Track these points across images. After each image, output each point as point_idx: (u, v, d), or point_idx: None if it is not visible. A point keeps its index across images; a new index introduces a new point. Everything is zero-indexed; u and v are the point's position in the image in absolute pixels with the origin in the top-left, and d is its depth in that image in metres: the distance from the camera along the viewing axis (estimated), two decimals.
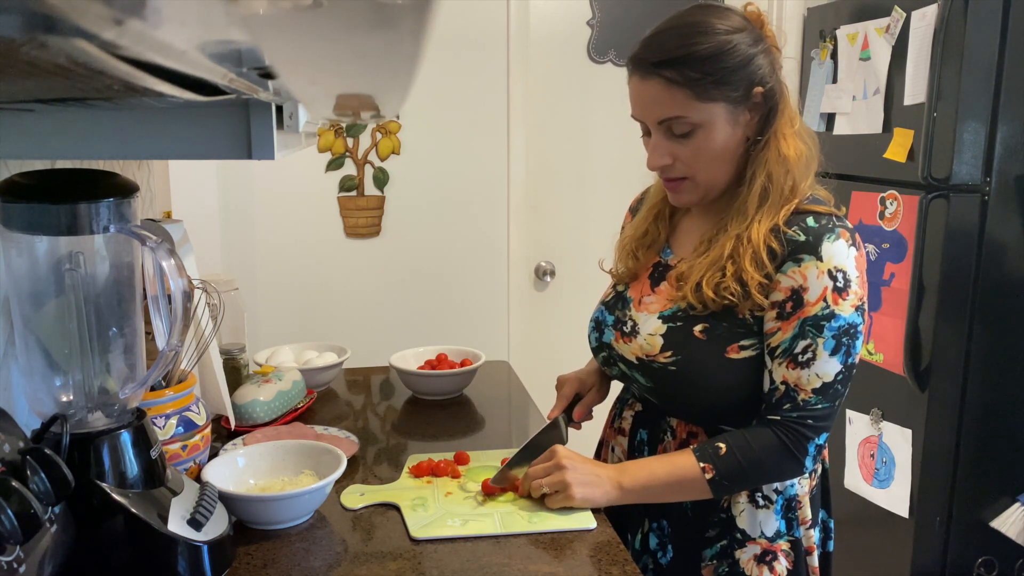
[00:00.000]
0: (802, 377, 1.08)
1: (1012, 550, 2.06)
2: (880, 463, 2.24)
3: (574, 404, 1.34)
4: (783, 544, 1.16)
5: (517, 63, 2.60)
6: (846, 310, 1.07)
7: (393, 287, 2.66)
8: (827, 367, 1.07)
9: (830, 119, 2.47)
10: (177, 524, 0.90)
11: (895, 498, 2.18)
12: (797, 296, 1.08)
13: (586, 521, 1.12)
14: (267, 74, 0.52)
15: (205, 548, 0.92)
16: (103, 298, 0.91)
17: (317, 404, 1.62)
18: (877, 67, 2.21)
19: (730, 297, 1.10)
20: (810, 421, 1.08)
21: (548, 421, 1.30)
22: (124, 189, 0.88)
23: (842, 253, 1.08)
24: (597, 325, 1.28)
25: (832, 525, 1.25)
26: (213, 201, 2.36)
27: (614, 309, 1.26)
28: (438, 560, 1.03)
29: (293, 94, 0.69)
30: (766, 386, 1.11)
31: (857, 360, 1.10)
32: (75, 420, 0.90)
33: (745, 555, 1.16)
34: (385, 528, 1.12)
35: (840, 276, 1.07)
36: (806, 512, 1.18)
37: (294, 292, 2.61)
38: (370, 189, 2.60)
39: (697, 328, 1.14)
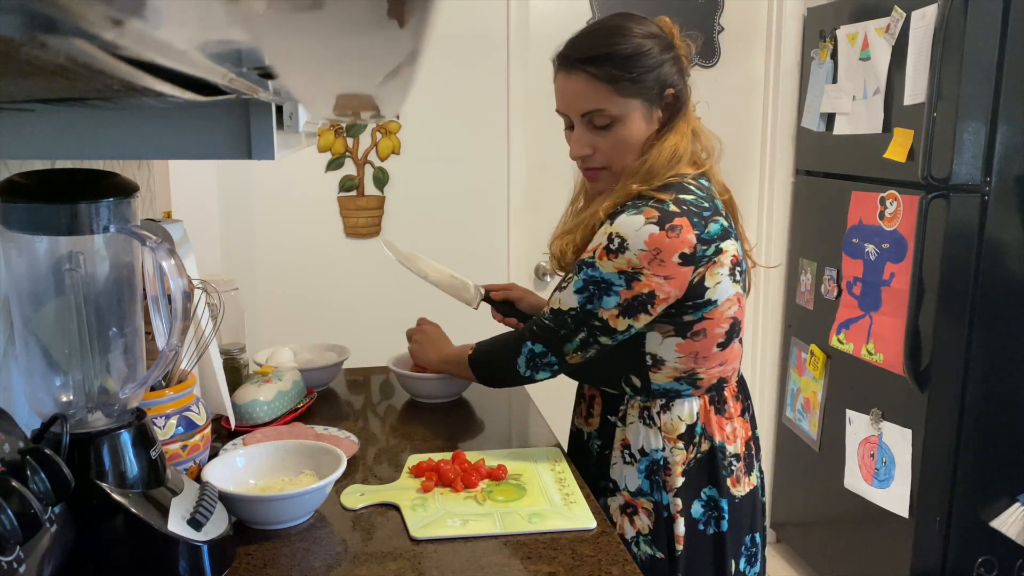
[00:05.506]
0: (553, 297, 1.27)
1: (1012, 550, 2.06)
2: (880, 463, 2.24)
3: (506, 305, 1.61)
4: (645, 502, 1.27)
5: (517, 63, 2.60)
6: (606, 267, 1.19)
7: (393, 287, 2.66)
8: (568, 299, 1.23)
9: (830, 119, 2.47)
10: (177, 524, 0.90)
11: (895, 498, 2.18)
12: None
13: (586, 521, 1.12)
14: (267, 74, 0.52)
15: (205, 548, 0.92)
16: (103, 298, 0.91)
17: (317, 404, 1.62)
18: (877, 67, 2.21)
19: (566, 265, 1.28)
20: (535, 328, 1.27)
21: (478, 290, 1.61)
22: (124, 189, 0.88)
23: (632, 225, 1.17)
24: None
25: (726, 506, 1.27)
26: (213, 201, 2.36)
27: None
28: (438, 560, 1.03)
29: (293, 94, 0.69)
30: None
31: (601, 315, 1.20)
32: (75, 420, 0.90)
33: (614, 503, 1.29)
34: (385, 528, 1.12)
35: (617, 240, 1.18)
36: (675, 480, 1.25)
37: (294, 292, 2.61)
38: (370, 189, 2.60)
39: None
